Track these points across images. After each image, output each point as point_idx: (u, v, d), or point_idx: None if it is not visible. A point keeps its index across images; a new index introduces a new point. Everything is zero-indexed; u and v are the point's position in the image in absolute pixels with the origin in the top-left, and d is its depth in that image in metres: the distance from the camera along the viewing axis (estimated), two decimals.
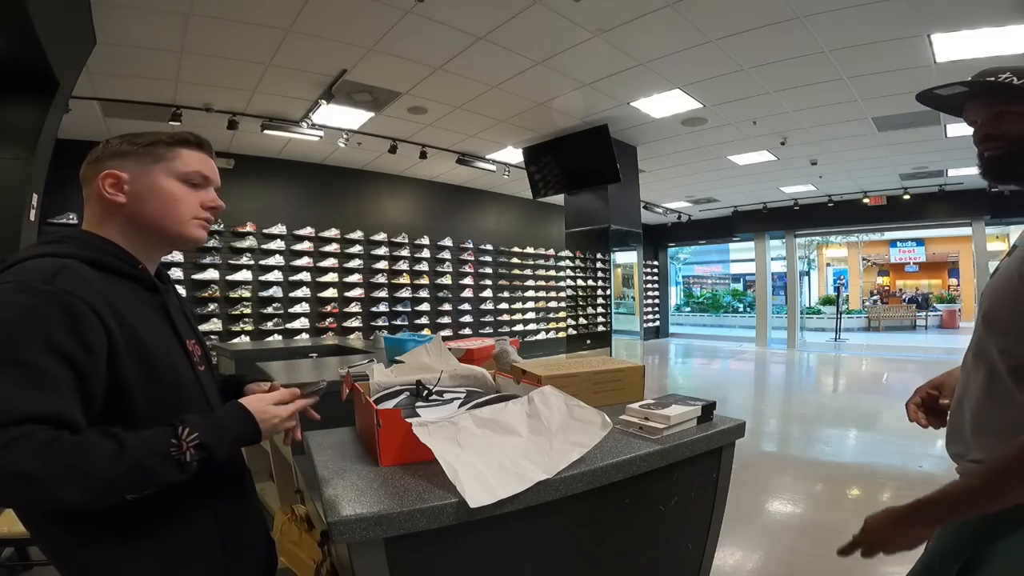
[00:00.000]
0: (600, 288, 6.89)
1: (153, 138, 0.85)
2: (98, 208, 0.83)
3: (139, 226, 0.83)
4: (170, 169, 0.85)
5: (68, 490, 0.63)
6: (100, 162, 0.84)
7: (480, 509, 0.81)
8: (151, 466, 0.68)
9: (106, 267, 0.76)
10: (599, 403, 1.36)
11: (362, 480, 0.89)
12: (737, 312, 17.46)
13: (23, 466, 0.60)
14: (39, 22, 2.37)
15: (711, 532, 1.23)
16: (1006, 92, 0.83)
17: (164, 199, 0.84)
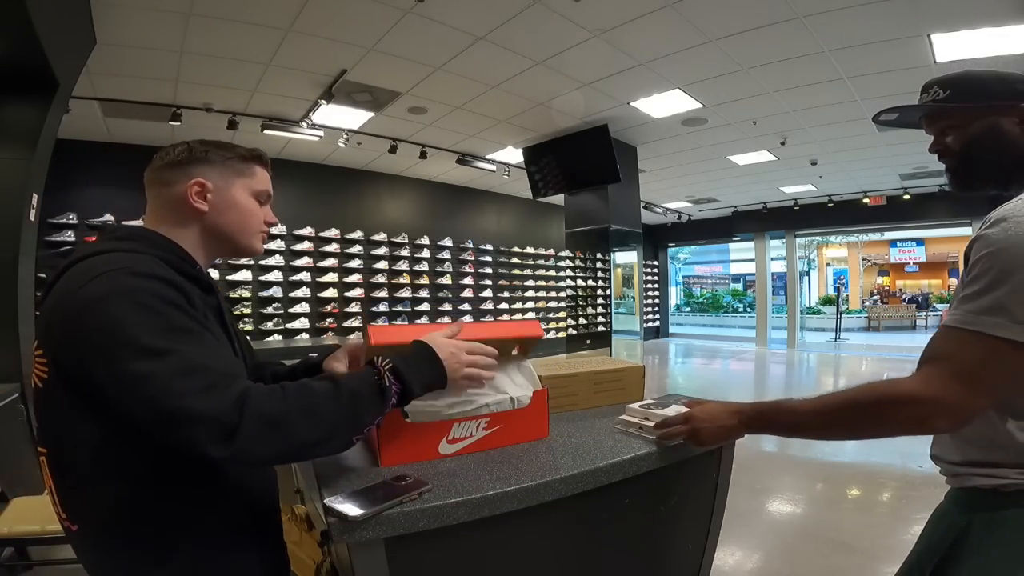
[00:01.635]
0: (600, 288, 6.89)
1: (232, 151, 0.89)
2: (173, 211, 0.85)
3: (213, 234, 0.87)
4: (248, 185, 0.90)
5: (308, 429, 0.68)
6: (186, 167, 0.85)
7: (480, 509, 0.81)
8: (362, 393, 0.75)
9: (174, 266, 0.77)
10: (599, 403, 1.37)
11: (362, 480, 0.89)
12: (737, 312, 17.47)
13: (269, 411, 0.65)
14: (39, 22, 2.37)
15: (711, 532, 1.22)
16: (938, 111, 0.89)
17: (242, 213, 0.89)
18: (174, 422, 0.63)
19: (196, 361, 0.66)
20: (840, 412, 0.83)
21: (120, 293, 0.67)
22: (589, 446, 1.06)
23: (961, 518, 0.82)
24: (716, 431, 0.98)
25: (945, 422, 0.75)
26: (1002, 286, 0.70)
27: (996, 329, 0.70)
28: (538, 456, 1.01)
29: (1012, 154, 0.85)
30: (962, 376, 0.72)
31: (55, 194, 5.00)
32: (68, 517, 0.73)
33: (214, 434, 0.63)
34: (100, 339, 0.65)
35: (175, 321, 0.68)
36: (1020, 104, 0.84)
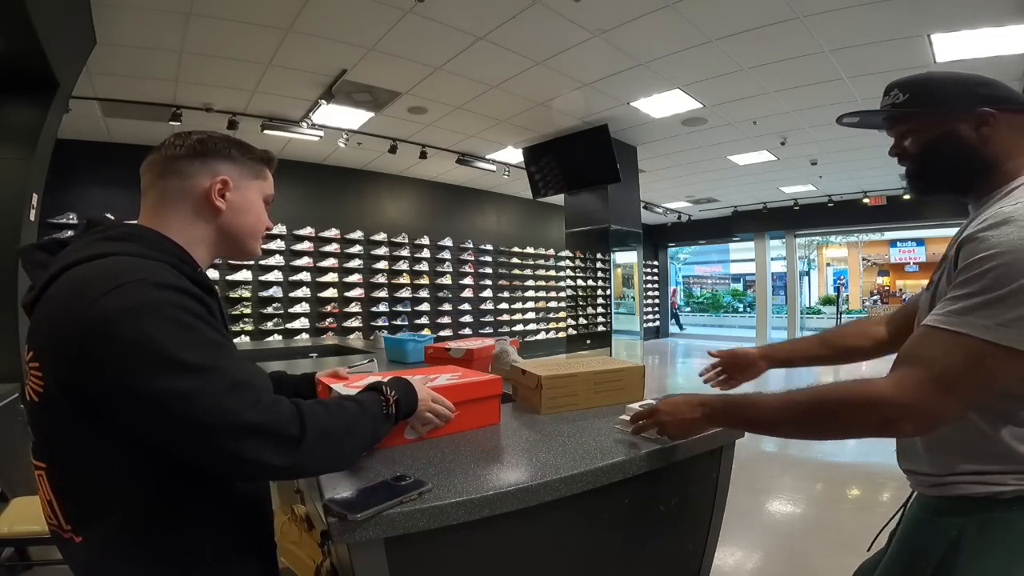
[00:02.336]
0: (600, 288, 6.89)
1: (251, 152, 0.86)
2: (189, 206, 0.79)
3: (224, 235, 0.83)
4: (261, 189, 0.88)
5: (347, 444, 0.73)
6: (210, 162, 0.80)
7: (480, 509, 0.82)
8: (379, 418, 0.81)
9: (181, 272, 0.73)
10: (599, 403, 1.37)
11: (362, 480, 0.89)
12: (737, 312, 17.47)
13: (321, 426, 0.68)
14: (39, 22, 2.37)
15: (711, 532, 1.22)
16: (898, 115, 0.88)
17: (256, 217, 0.87)
18: (232, 438, 0.62)
19: (239, 376, 0.65)
20: (806, 411, 0.81)
21: (151, 306, 0.63)
22: (589, 446, 1.06)
23: (952, 527, 0.79)
24: (679, 423, 0.98)
25: (912, 426, 0.73)
26: (1000, 290, 0.67)
27: (985, 332, 0.67)
28: (538, 456, 1.01)
29: (969, 160, 0.83)
30: (939, 381, 0.69)
31: (55, 194, 5.00)
32: (73, 530, 0.69)
33: (276, 446, 0.64)
34: (132, 356, 0.61)
35: (208, 336, 0.66)
36: (978, 109, 0.81)
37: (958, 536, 0.78)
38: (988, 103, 0.81)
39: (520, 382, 1.44)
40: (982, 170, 0.83)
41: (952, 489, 0.80)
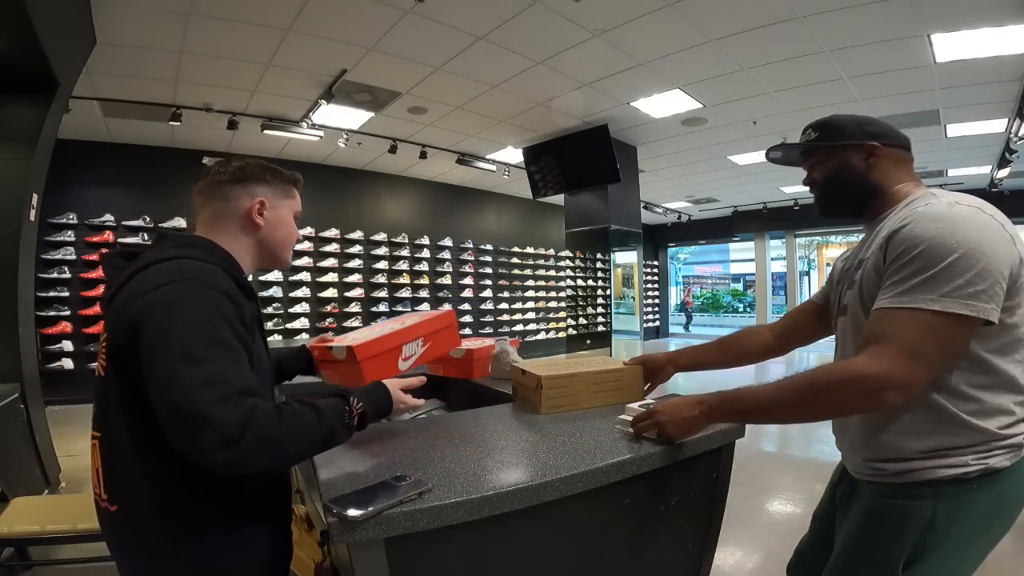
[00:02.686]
0: (600, 288, 6.89)
1: (281, 175, 1.01)
2: (235, 223, 0.95)
3: (263, 247, 0.99)
4: (291, 206, 1.03)
5: (291, 448, 0.77)
6: (248, 185, 0.96)
7: (480, 509, 0.82)
8: (336, 428, 0.84)
9: (230, 275, 0.87)
10: (599, 403, 1.36)
11: (362, 480, 0.89)
12: (737, 312, 17.47)
13: (266, 432, 0.72)
14: (39, 22, 2.37)
15: (711, 532, 1.22)
16: (808, 149, 1.06)
17: (288, 231, 1.02)
18: (187, 421, 0.69)
19: (221, 374, 0.72)
20: (799, 393, 0.89)
21: (188, 300, 0.76)
22: (589, 446, 1.06)
23: (926, 509, 0.85)
24: (678, 423, 1.02)
25: (896, 395, 0.80)
26: (933, 269, 0.80)
27: (932, 304, 0.79)
28: (538, 456, 1.01)
29: (860, 185, 1.00)
30: (906, 351, 0.79)
31: (55, 194, 5.01)
32: (108, 499, 0.81)
33: (215, 442, 0.68)
34: (156, 337, 0.73)
35: (220, 335, 0.76)
36: (868, 143, 0.98)
37: (932, 516, 0.85)
38: (874, 138, 0.98)
39: (520, 382, 1.43)
40: (872, 193, 0.99)
41: (920, 475, 0.87)
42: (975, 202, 0.86)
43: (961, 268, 0.79)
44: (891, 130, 1.01)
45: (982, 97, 4.53)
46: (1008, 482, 0.85)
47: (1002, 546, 0.96)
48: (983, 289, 0.78)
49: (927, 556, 0.85)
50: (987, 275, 0.79)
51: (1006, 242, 0.82)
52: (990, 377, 0.84)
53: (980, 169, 7.16)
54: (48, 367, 5.11)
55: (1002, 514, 0.87)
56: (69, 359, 5.36)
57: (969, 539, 0.86)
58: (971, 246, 0.79)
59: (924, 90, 4.41)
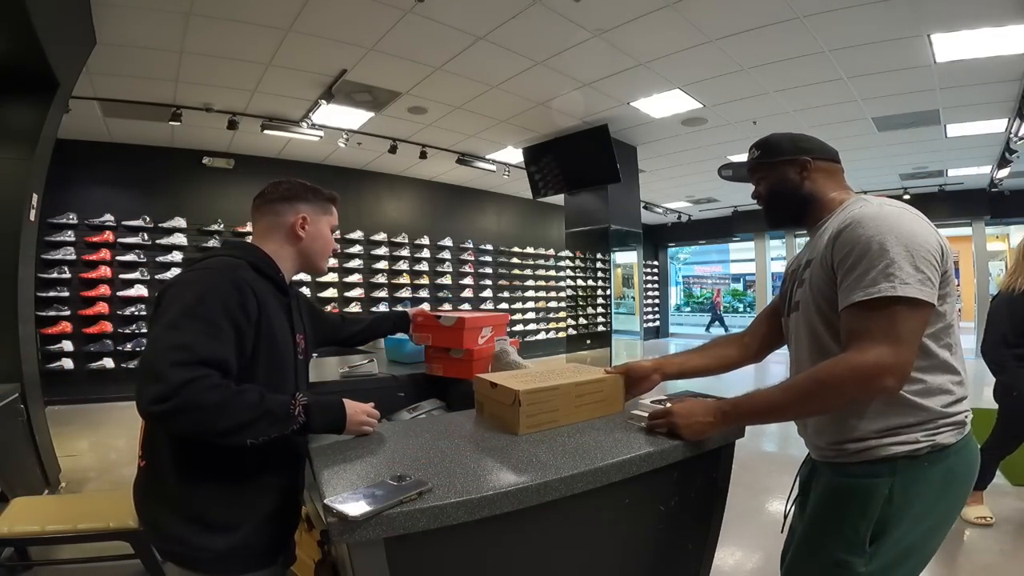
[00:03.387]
0: (600, 288, 6.89)
1: (321, 195, 1.19)
2: (281, 234, 1.15)
3: (303, 256, 1.17)
4: (329, 221, 1.21)
5: (221, 421, 0.88)
6: (294, 203, 1.15)
7: (480, 509, 0.82)
8: (275, 413, 0.95)
9: (260, 271, 1.07)
10: (581, 417, 1.25)
11: (362, 480, 0.89)
12: (737, 312, 17.46)
13: (200, 399, 0.85)
14: (39, 22, 2.37)
15: (711, 532, 1.22)
16: (753, 166, 1.16)
17: (325, 243, 1.20)
18: (142, 375, 0.85)
19: (190, 343, 0.88)
20: (807, 390, 0.96)
21: (195, 282, 0.96)
22: (589, 446, 1.06)
23: (884, 485, 0.93)
24: (692, 426, 1.07)
25: (892, 379, 0.87)
26: (881, 262, 0.89)
27: (893, 291, 0.87)
28: (538, 456, 1.01)
29: (797, 196, 1.10)
30: (887, 337, 0.87)
31: (55, 194, 5.01)
32: (142, 455, 1.02)
33: (153, 395, 0.83)
34: (161, 309, 0.94)
35: (207, 313, 0.92)
36: (800, 157, 1.10)
37: (890, 492, 0.93)
38: (806, 153, 1.10)
39: (490, 396, 1.25)
40: (808, 203, 1.10)
41: (877, 452, 0.95)
42: (897, 204, 0.97)
43: (906, 258, 0.88)
44: (821, 145, 1.12)
45: (982, 97, 4.53)
46: (954, 459, 0.94)
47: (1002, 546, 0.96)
48: (928, 276, 0.89)
49: (889, 530, 0.93)
50: (926, 264, 0.89)
51: (932, 234, 0.93)
52: (929, 360, 0.93)
53: (980, 169, 7.16)
54: (48, 367, 5.11)
55: (950, 488, 0.94)
56: (69, 359, 5.36)
57: (924, 512, 0.93)
58: (907, 239, 0.90)
59: (924, 90, 4.41)
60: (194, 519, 0.96)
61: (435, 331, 1.82)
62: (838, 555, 0.96)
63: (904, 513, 0.93)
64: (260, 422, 0.92)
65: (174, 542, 0.97)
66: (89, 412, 4.95)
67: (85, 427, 4.48)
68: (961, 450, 0.94)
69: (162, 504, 0.98)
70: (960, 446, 0.94)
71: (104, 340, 5.52)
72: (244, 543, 0.99)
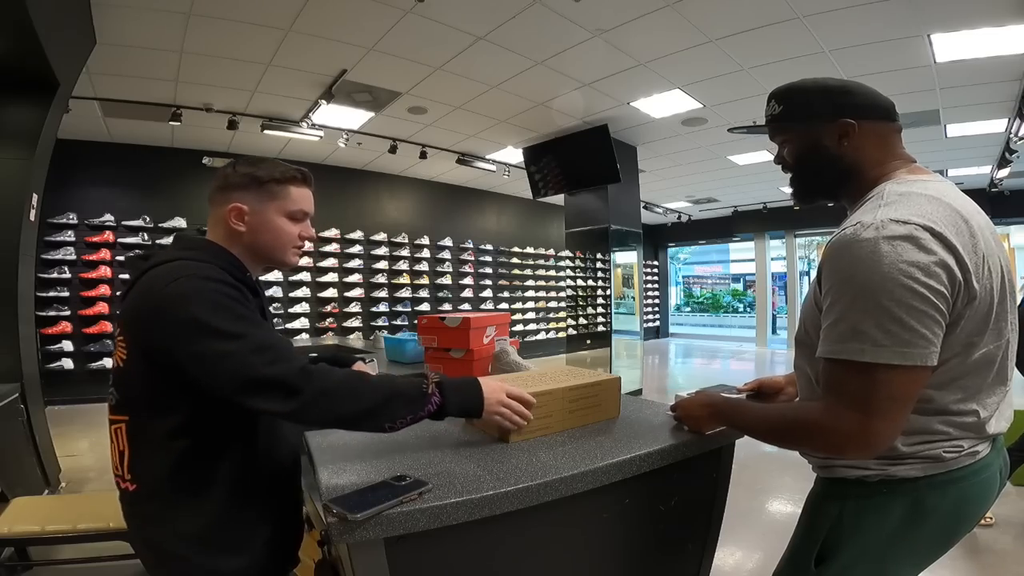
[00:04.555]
0: (600, 288, 6.89)
1: (268, 175, 1.00)
2: (223, 229, 1.00)
3: (252, 251, 1.01)
4: (281, 208, 1.02)
5: (352, 403, 0.85)
6: (228, 192, 0.99)
7: (480, 509, 0.82)
8: (406, 393, 0.90)
9: (229, 272, 0.94)
10: (574, 424, 1.19)
11: (362, 480, 0.89)
12: (737, 312, 17.46)
13: (324, 384, 0.84)
14: (39, 22, 2.37)
15: (711, 532, 1.22)
16: (772, 124, 0.94)
17: (274, 234, 1.02)
18: (252, 387, 0.81)
19: (263, 341, 0.84)
20: (775, 428, 0.90)
21: (198, 292, 0.85)
22: (589, 446, 1.06)
23: (833, 507, 0.87)
24: (691, 420, 1.11)
25: (854, 450, 0.77)
26: (855, 312, 0.73)
27: (862, 355, 0.72)
28: (538, 456, 1.01)
29: (834, 168, 0.89)
30: (853, 403, 0.74)
31: (55, 194, 5.01)
32: (130, 479, 0.89)
33: (281, 395, 0.81)
34: (186, 328, 0.82)
35: (241, 312, 0.86)
36: (840, 119, 0.86)
37: (839, 515, 0.85)
38: (849, 113, 0.86)
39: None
40: (847, 178, 0.89)
41: (832, 472, 0.88)
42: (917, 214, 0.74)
43: (884, 309, 0.70)
44: (870, 99, 0.89)
45: (982, 97, 4.53)
46: (927, 493, 0.80)
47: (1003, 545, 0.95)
48: (918, 331, 0.70)
49: (837, 555, 0.85)
50: (916, 316, 0.70)
51: (939, 270, 0.71)
52: (921, 404, 0.78)
53: (980, 169, 7.15)
54: (48, 367, 5.11)
55: (920, 524, 0.81)
56: (69, 359, 5.36)
57: (880, 545, 0.82)
58: (891, 282, 0.70)
59: (924, 90, 4.41)
60: (203, 542, 0.88)
61: (440, 332, 1.84)
62: (788, 569, 0.92)
63: (853, 540, 0.84)
64: (393, 403, 0.88)
65: (182, 569, 0.88)
66: (89, 412, 4.94)
67: (85, 427, 4.48)
68: (940, 486, 0.80)
69: (165, 529, 0.88)
70: (937, 481, 0.80)
71: (104, 340, 5.52)
72: (256, 562, 0.93)
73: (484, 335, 1.83)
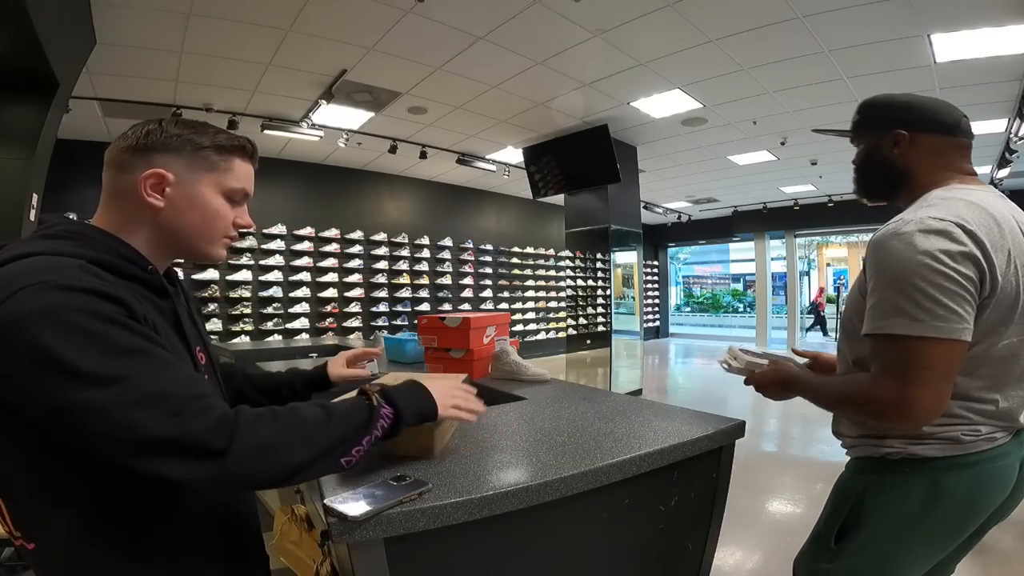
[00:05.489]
0: (600, 288, 6.89)
1: (209, 139, 0.75)
2: (126, 204, 0.72)
3: (167, 235, 0.75)
4: (219, 182, 0.76)
5: (296, 453, 0.65)
6: (149, 153, 0.72)
7: (480, 509, 0.81)
8: (352, 417, 0.73)
9: (113, 270, 0.66)
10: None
11: (362, 480, 0.89)
12: (737, 312, 17.47)
13: (258, 435, 0.62)
14: (39, 22, 2.37)
15: (711, 532, 1.22)
16: (852, 132, 1.08)
17: (205, 214, 0.76)
18: (145, 452, 0.57)
19: (154, 387, 0.59)
20: (834, 397, 0.98)
21: (45, 313, 0.56)
22: (589, 446, 1.06)
23: (858, 483, 0.97)
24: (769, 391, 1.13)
25: (896, 417, 0.85)
26: (894, 293, 0.83)
27: (902, 329, 0.82)
28: (538, 456, 1.01)
29: (888, 171, 1.01)
30: (894, 374, 0.83)
31: (55, 194, 4.99)
32: (23, 536, 0.66)
33: (194, 459, 0.58)
34: (31, 370, 0.56)
35: (117, 341, 0.59)
36: (895, 130, 0.98)
37: (863, 491, 0.95)
38: (904, 125, 0.97)
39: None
40: (900, 182, 1.00)
41: (859, 451, 0.98)
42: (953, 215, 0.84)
43: (919, 289, 0.81)
44: (931, 113, 0.97)
45: (982, 97, 4.53)
46: (946, 474, 0.88)
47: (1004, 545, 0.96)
48: (953, 309, 0.80)
49: (857, 532, 0.94)
50: (950, 295, 0.80)
51: (967, 259, 0.81)
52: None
53: (980, 169, 7.15)
54: None
55: (937, 505, 0.88)
56: None
57: (900, 523, 0.90)
58: (930, 266, 0.81)
59: (924, 90, 4.41)
60: None
61: (440, 332, 1.84)
62: (811, 546, 1.03)
63: (874, 516, 0.92)
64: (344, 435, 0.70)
65: None
66: None
67: None
68: (957, 468, 0.88)
69: None
70: (956, 463, 0.88)
71: None
72: None
73: (484, 335, 1.85)
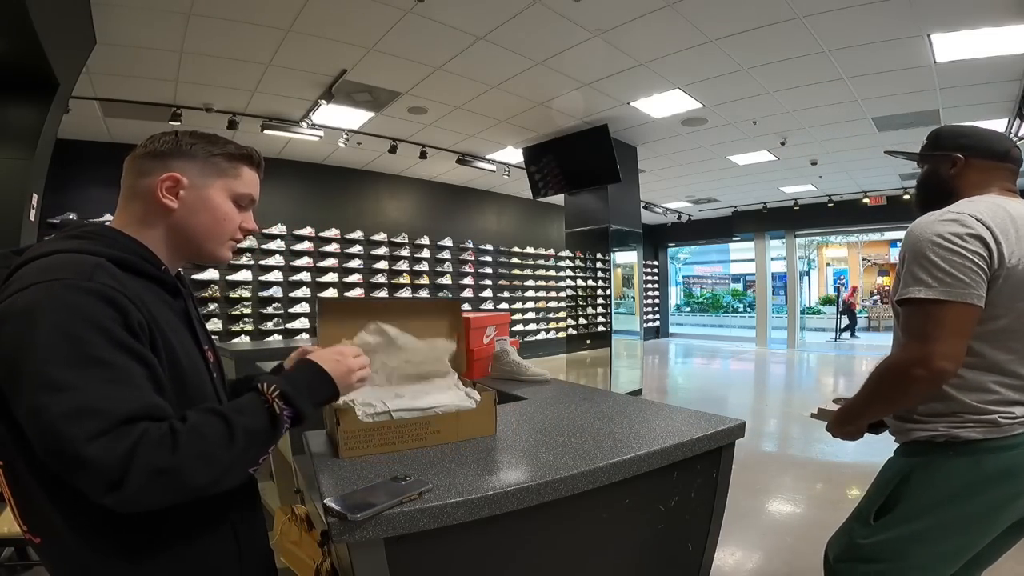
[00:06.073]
0: (600, 288, 6.89)
1: (221, 147, 0.83)
2: (141, 205, 0.79)
3: (180, 236, 0.81)
4: (228, 187, 0.83)
5: (200, 474, 0.63)
6: (166, 159, 0.79)
7: (480, 509, 0.81)
8: (255, 427, 0.70)
9: (132, 268, 0.73)
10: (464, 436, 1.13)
11: (362, 480, 0.89)
12: (737, 312, 17.46)
13: (156, 464, 0.60)
14: (39, 22, 2.37)
15: (711, 532, 1.23)
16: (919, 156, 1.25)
17: (215, 217, 0.82)
18: (60, 462, 0.59)
19: (91, 403, 0.59)
20: (873, 389, 1.08)
21: (45, 311, 0.61)
22: (589, 446, 1.06)
23: (905, 465, 1.06)
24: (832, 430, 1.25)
25: (920, 369, 0.95)
26: (913, 266, 0.99)
27: (918, 293, 0.97)
28: (538, 456, 1.01)
29: (941, 190, 1.16)
30: (916, 335, 0.98)
31: (55, 194, 5.00)
32: (29, 530, 0.70)
33: (97, 483, 0.58)
34: (12, 359, 0.61)
35: (92, 350, 0.61)
36: (954, 155, 1.15)
37: (909, 472, 1.04)
38: (961, 151, 1.14)
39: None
40: (950, 197, 1.12)
41: (909, 435, 1.08)
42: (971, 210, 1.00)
43: (932, 262, 0.97)
44: (983, 143, 1.14)
45: (982, 97, 4.53)
46: (985, 456, 0.97)
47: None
48: (958, 276, 0.95)
49: (896, 507, 1.04)
50: (957, 267, 0.95)
51: (975, 239, 0.97)
52: (978, 358, 1.00)
53: None
54: None
55: (979, 487, 0.97)
56: None
57: (943, 503, 0.99)
58: (935, 241, 0.98)
59: (924, 90, 4.41)
60: None
61: None
62: (848, 523, 1.15)
63: (917, 493, 1.01)
64: (249, 446, 0.69)
65: None
66: None
67: None
68: (996, 450, 0.96)
69: None
70: (995, 445, 0.96)
71: None
72: None
73: (484, 335, 1.85)
